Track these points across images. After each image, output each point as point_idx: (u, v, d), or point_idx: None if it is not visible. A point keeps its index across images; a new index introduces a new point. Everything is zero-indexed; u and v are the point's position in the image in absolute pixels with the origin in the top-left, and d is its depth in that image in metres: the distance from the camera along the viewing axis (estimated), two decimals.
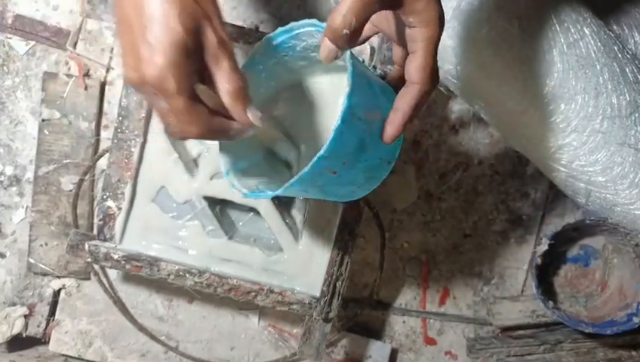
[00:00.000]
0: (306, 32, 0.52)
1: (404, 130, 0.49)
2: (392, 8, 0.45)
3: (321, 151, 0.45)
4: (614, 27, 0.80)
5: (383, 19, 0.51)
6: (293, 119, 0.62)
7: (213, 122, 0.47)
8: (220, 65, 0.46)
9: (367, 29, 0.50)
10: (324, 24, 0.48)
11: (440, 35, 0.46)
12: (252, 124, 0.48)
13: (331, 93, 0.60)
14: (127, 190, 0.72)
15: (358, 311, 0.85)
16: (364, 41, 0.52)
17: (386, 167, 0.53)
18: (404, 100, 0.48)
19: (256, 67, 0.57)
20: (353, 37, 0.44)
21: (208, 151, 0.72)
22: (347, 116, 0.45)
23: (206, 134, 0.47)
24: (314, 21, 0.50)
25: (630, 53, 0.75)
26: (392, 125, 0.49)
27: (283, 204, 0.75)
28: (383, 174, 0.54)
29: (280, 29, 0.53)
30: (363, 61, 0.55)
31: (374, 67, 0.72)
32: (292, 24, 0.52)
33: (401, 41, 0.50)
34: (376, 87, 0.50)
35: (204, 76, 0.46)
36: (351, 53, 0.47)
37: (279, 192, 0.50)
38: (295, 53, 0.55)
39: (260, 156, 0.61)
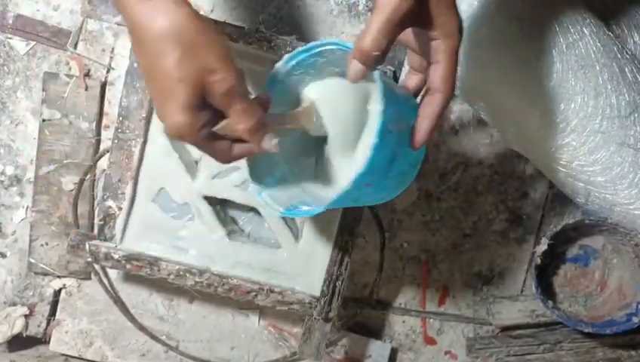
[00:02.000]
0: (326, 50, 0.54)
1: (432, 136, 0.52)
2: (420, 26, 0.48)
3: (360, 169, 0.48)
4: (614, 27, 0.80)
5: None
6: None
7: (236, 150, 0.52)
8: (232, 110, 0.49)
9: None
10: (347, 43, 0.51)
11: (460, 44, 0.49)
12: (271, 151, 0.52)
13: (344, 98, 0.61)
14: (128, 190, 0.72)
15: (358, 310, 0.85)
16: None
17: (413, 172, 0.57)
18: (430, 108, 0.50)
19: (276, 86, 0.59)
20: (383, 57, 0.47)
21: None
22: (382, 133, 0.48)
23: (234, 160, 0.53)
24: (336, 40, 0.53)
25: (629, 53, 0.76)
26: (421, 133, 0.51)
27: None
28: (410, 178, 0.57)
29: (299, 48, 0.56)
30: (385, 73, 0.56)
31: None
32: (312, 44, 0.55)
33: (421, 50, 0.52)
34: (400, 97, 0.53)
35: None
36: (379, 70, 0.49)
37: (317, 211, 0.54)
38: (312, 70, 0.57)
39: (286, 170, 0.63)
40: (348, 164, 0.57)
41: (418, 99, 0.56)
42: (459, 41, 0.49)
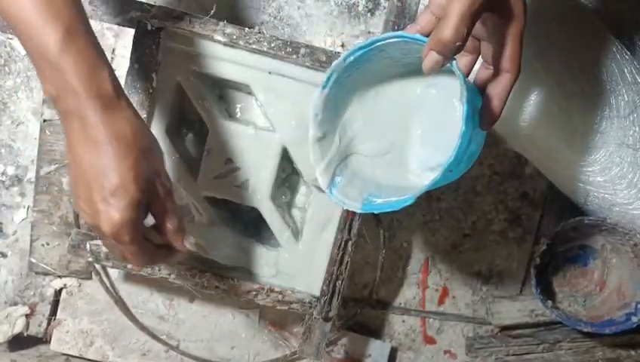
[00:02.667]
0: (388, 43, 0.54)
1: (500, 114, 0.53)
2: (493, 10, 0.48)
3: (451, 158, 0.50)
4: (613, 29, 0.80)
5: None
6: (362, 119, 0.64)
7: (159, 254, 0.56)
8: (165, 211, 0.54)
9: None
10: (414, 35, 0.51)
11: (525, 25, 0.50)
12: (189, 250, 0.57)
13: (400, 95, 0.63)
14: None
15: (357, 310, 0.85)
16: None
17: (479, 151, 0.58)
18: (499, 88, 0.52)
19: (334, 85, 0.59)
20: (462, 47, 0.47)
21: (209, 151, 0.72)
22: (467, 119, 0.49)
23: (155, 263, 0.59)
24: (401, 33, 0.53)
25: (628, 54, 0.76)
26: (492, 112, 0.53)
27: (283, 203, 0.76)
28: (476, 157, 0.58)
29: (359, 44, 0.56)
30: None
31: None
32: (372, 38, 0.55)
33: (491, 36, 0.52)
34: (469, 83, 0.53)
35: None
36: (455, 60, 0.50)
37: (410, 202, 0.54)
38: (372, 65, 0.58)
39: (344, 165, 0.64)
40: (425, 152, 0.61)
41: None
42: (525, 22, 0.50)
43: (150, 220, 0.55)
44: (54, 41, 0.47)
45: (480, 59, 0.56)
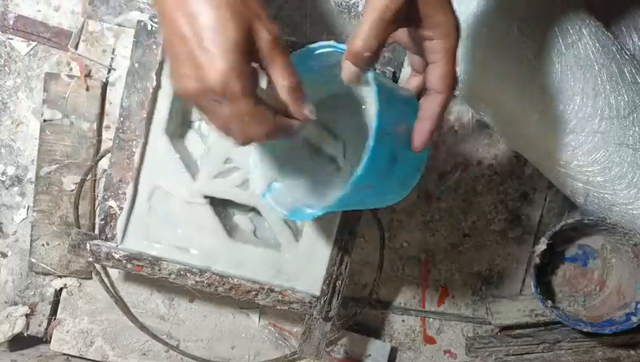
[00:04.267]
0: (325, 52, 0.53)
1: (432, 137, 0.51)
2: (411, 26, 0.47)
3: (358, 171, 0.48)
4: (613, 28, 0.81)
5: (399, 31, 0.52)
6: (337, 122, 0.64)
7: (275, 121, 0.47)
8: (275, 63, 0.46)
9: None
10: (342, 45, 0.50)
11: (457, 43, 0.48)
12: (309, 118, 0.49)
13: (360, 99, 0.62)
14: (129, 190, 0.72)
15: (357, 310, 0.85)
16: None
17: (417, 174, 0.56)
18: (430, 109, 0.50)
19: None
20: (375, 57, 0.46)
21: (209, 151, 0.72)
22: (378, 135, 0.47)
23: (270, 134, 0.47)
24: (331, 42, 0.52)
25: (628, 53, 0.76)
26: (421, 134, 0.50)
27: None
28: (414, 181, 0.56)
29: (295, 53, 0.54)
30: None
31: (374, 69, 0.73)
32: (308, 46, 0.53)
33: (419, 51, 0.51)
34: (400, 99, 0.53)
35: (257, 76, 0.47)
36: (374, 72, 0.49)
37: (319, 213, 0.53)
38: (315, 73, 0.57)
39: (296, 169, 0.64)
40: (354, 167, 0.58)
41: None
42: (456, 40, 0.48)
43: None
44: None
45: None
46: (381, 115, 0.47)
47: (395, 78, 0.72)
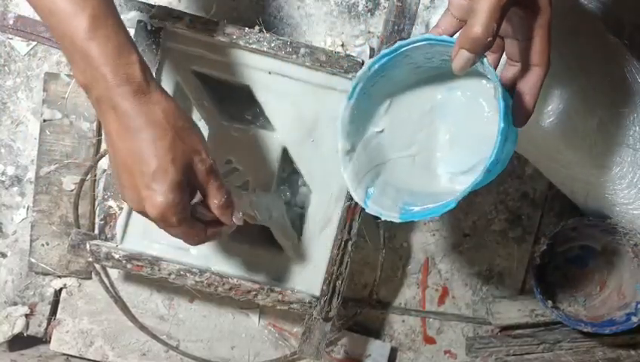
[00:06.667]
0: (413, 47, 0.54)
1: (533, 111, 0.53)
2: (520, 4, 0.48)
3: (492, 157, 0.50)
4: (613, 27, 0.80)
5: None
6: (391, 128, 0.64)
7: (207, 233, 0.57)
8: (209, 187, 0.55)
9: None
10: (442, 37, 0.51)
11: (552, 18, 0.50)
12: (237, 224, 0.58)
13: (424, 101, 0.63)
14: None
15: (357, 310, 0.85)
16: None
17: (512, 149, 0.57)
18: (530, 83, 0.52)
19: (359, 95, 0.59)
20: (493, 42, 0.47)
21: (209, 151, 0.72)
22: (506, 116, 0.49)
23: (205, 241, 0.57)
24: (427, 35, 0.52)
25: (629, 53, 0.76)
26: (525, 108, 0.52)
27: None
28: (509, 157, 0.57)
29: (384, 50, 0.55)
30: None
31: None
32: (398, 43, 0.54)
33: (518, 32, 0.52)
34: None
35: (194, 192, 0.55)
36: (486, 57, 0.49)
37: (451, 207, 0.53)
38: (396, 72, 0.57)
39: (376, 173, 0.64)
40: (455, 156, 0.60)
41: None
42: (551, 14, 0.49)
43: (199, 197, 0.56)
44: (82, 27, 0.48)
45: (504, 57, 0.55)
46: (506, 97, 0.49)
47: None
